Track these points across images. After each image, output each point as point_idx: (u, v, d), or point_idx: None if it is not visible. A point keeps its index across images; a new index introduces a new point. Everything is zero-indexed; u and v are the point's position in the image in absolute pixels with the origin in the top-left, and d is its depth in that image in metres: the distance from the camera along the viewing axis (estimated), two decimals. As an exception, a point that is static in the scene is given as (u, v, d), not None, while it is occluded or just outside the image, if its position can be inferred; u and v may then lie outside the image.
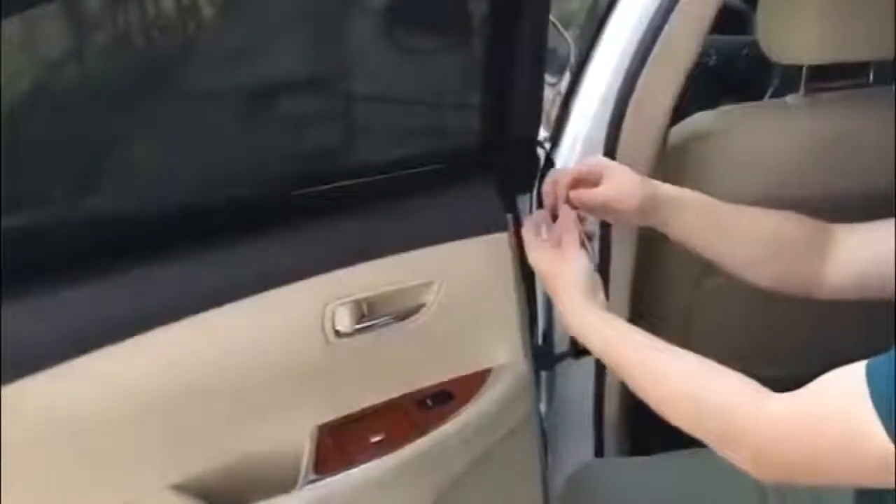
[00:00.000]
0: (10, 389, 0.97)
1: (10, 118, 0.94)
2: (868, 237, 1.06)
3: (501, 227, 1.17)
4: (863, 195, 1.25)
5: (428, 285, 1.16)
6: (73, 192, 1.06)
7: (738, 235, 1.12)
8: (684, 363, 0.92)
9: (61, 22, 0.95)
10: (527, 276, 1.28)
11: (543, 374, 1.50)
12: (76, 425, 1.03)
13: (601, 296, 1.04)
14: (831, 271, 1.08)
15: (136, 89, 1.00)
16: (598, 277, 1.06)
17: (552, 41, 1.66)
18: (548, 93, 1.51)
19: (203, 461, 1.11)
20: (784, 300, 1.13)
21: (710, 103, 1.62)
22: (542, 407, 1.53)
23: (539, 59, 1.14)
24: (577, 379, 1.48)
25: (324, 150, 1.17)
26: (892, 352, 0.75)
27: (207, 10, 1.05)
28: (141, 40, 1.01)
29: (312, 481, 1.11)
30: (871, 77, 1.51)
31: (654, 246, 1.47)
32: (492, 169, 1.19)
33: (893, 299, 1.01)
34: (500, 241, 1.18)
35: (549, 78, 1.65)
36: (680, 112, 1.50)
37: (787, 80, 1.79)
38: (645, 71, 1.27)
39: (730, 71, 2.28)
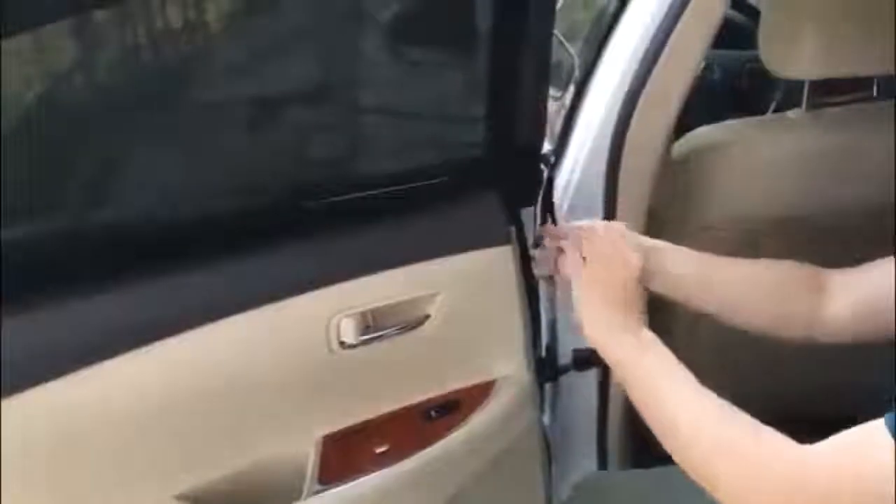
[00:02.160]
0: (15, 400, 0.98)
1: (19, 127, 0.95)
2: (860, 280, 1.06)
3: (505, 240, 1.18)
4: (864, 210, 1.26)
5: (432, 297, 1.16)
6: (82, 204, 1.06)
7: (729, 288, 1.13)
8: (709, 399, 0.90)
9: (73, 33, 0.96)
10: (530, 288, 1.29)
11: (547, 385, 1.51)
12: (80, 436, 1.03)
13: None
14: (827, 319, 1.08)
15: (146, 100, 1.01)
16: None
17: (556, 55, 1.67)
18: (552, 106, 1.52)
19: (208, 471, 1.11)
20: None
21: (715, 117, 1.63)
22: (546, 418, 1.54)
23: (543, 73, 1.15)
24: (580, 391, 1.48)
25: (328, 162, 1.17)
26: None
27: (215, 24, 1.05)
28: (154, 54, 1.02)
29: (317, 492, 1.12)
30: (876, 91, 1.52)
31: None
32: (495, 182, 1.20)
33: (890, 336, 1.01)
34: (503, 254, 1.18)
35: (553, 91, 1.66)
36: (684, 126, 1.51)
37: (791, 94, 1.79)
38: (648, 84, 1.28)
39: (734, 85, 2.29)
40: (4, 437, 0.97)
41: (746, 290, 1.12)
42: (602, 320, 1.03)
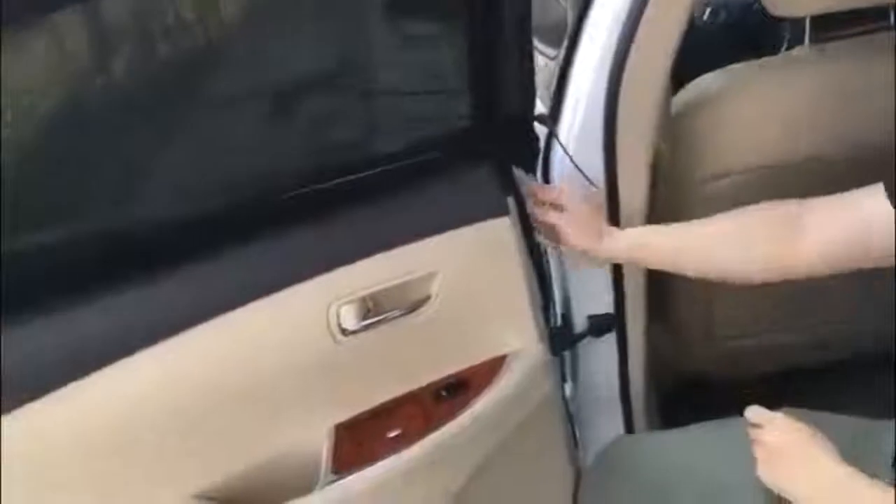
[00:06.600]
0: (25, 409, 0.98)
1: (12, 135, 0.94)
2: (827, 216, 1.08)
3: (502, 211, 1.15)
4: (870, 147, 1.21)
5: (432, 276, 1.14)
6: (85, 203, 1.05)
7: (698, 247, 1.19)
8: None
9: (57, 34, 0.94)
10: (537, 255, 1.26)
11: (567, 353, 1.48)
12: (94, 440, 1.04)
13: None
14: (802, 256, 1.10)
15: (138, 98, 1.01)
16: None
17: (551, 15, 1.63)
18: (550, 66, 1.48)
19: (223, 468, 1.11)
20: None
21: (726, 60, 1.58)
22: (569, 387, 1.52)
23: (524, 34, 1.11)
24: (600, 357, 1.45)
25: (315, 147, 1.15)
26: None
27: (198, 12, 1.03)
28: (139, 48, 1.00)
29: (332, 481, 1.11)
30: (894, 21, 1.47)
31: None
32: (488, 153, 1.17)
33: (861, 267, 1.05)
34: (501, 226, 1.16)
35: (549, 51, 1.61)
36: (690, 75, 1.47)
37: (799, 31, 1.73)
38: (639, 32, 1.22)
39: (743, 27, 2.23)
40: (6, 449, 0.97)
41: (712, 244, 1.18)
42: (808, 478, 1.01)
